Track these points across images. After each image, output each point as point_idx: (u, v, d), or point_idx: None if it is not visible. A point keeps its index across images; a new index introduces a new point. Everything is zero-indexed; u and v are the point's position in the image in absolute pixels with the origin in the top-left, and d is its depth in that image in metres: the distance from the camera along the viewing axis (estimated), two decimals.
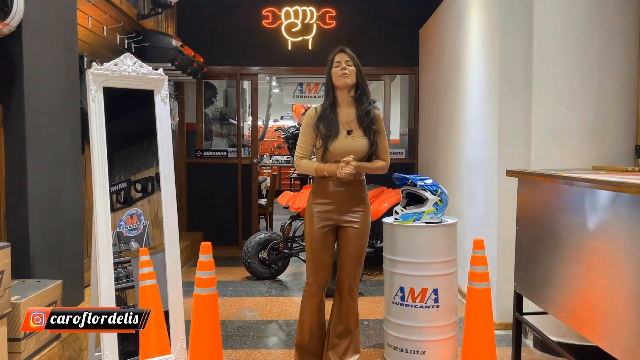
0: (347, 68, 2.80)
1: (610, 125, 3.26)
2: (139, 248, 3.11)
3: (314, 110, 2.91)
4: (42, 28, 2.98)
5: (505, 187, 3.68)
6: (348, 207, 2.86)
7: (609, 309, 2.23)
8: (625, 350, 2.11)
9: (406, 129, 8.03)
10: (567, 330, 3.18)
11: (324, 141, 2.81)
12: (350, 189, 2.87)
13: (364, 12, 6.88)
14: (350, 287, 2.93)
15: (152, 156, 3.28)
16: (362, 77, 2.86)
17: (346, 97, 2.86)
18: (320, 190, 2.88)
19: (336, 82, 2.83)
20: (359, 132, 2.84)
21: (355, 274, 2.92)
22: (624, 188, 2.01)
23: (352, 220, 2.87)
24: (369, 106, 2.85)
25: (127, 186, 3.17)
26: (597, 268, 2.32)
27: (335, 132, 2.80)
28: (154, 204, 3.28)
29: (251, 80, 7.18)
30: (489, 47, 4.04)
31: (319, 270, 2.89)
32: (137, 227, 3.20)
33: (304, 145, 2.88)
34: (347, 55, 2.84)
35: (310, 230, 2.88)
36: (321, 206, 2.87)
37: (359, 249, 2.90)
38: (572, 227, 2.55)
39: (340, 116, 2.85)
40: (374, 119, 2.85)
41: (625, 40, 3.25)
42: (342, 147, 2.80)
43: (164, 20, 6.22)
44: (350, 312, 2.95)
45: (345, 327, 2.95)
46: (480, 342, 2.72)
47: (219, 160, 6.97)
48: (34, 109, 2.88)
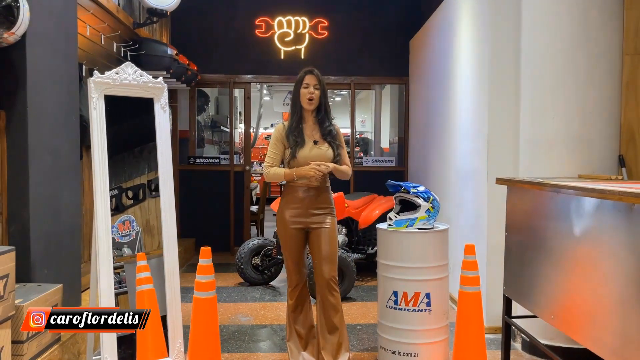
0: (314, 92, 3.12)
1: (595, 136, 3.39)
2: (131, 254, 3.16)
3: (282, 125, 3.21)
4: (44, 37, 3.04)
5: (494, 195, 3.79)
6: (315, 210, 3.14)
7: (596, 311, 2.33)
8: (612, 351, 2.21)
9: (396, 138, 8.17)
10: (554, 333, 3.28)
11: (292, 150, 3.10)
12: (317, 195, 3.14)
13: (356, 22, 7.01)
14: (328, 284, 3.09)
15: (144, 163, 3.34)
16: (325, 99, 3.18)
17: (310, 115, 3.19)
18: (291, 197, 3.17)
19: (303, 104, 3.14)
20: (323, 143, 3.15)
21: (332, 271, 3.11)
22: (608, 195, 2.12)
23: (321, 221, 3.14)
24: (330, 126, 3.19)
25: (119, 193, 3.22)
26: (584, 272, 2.43)
27: (302, 142, 3.12)
28: (146, 211, 3.33)
29: (244, 89, 7.26)
30: (478, 59, 4.17)
31: (297, 264, 3.21)
32: (130, 233, 3.25)
33: (273, 157, 3.19)
34: (316, 78, 3.13)
35: (284, 233, 3.19)
36: (292, 210, 3.15)
37: (331, 246, 3.12)
38: (560, 232, 2.66)
39: (306, 130, 3.17)
40: (335, 136, 3.19)
41: (609, 54, 3.38)
42: (309, 155, 3.10)
43: (158, 29, 6.29)
44: (333, 309, 3.08)
45: (331, 325, 3.09)
46: (471, 344, 2.82)
47: (212, 167, 7.03)
48: (36, 115, 2.94)
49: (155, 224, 3.34)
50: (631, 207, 2.06)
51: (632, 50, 3.34)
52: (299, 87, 3.15)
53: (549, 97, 3.47)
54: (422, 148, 6.22)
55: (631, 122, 3.34)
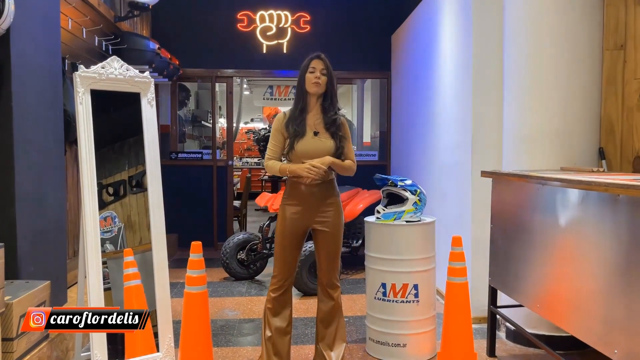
0: (320, 77, 2.90)
1: (575, 129, 3.47)
2: (113, 250, 3.13)
3: (283, 115, 3.01)
4: (28, 30, 2.99)
5: (478, 188, 3.86)
6: (319, 207, 2.95)
7: (581, 299, 2.40)
8: (597, 337, 2.28)
9: (377, 132, 8.22)
10: (537, 322, 3.37)
11: (291, 140, 2.91)
12: (322, 190, 2.95)
13: (338, 17, 7.04)
14: (330, 282, 3.04)
15: (125, 159, 3.28)
16: (332, 86, 2.96)
17: (315, 103, 2.97)
18: (293, 192, 2.97)
19: (308, 88, 2.93)
20: (325, 134, 2.94)
21: (333, 270, 3.04)
22: (594, 187, 2.19)
23: (324, 221, 2.96)
24: (335, 115, 2.95)
25: (99, 189, 3.13)
26: (569, 261, 2.50)
27: (302, 133, 2.90)
28: (127, 207, 3.29)
29: (226, 83, 7.23)
30: (461, 53, 4.22)
31: (285, 265, 2.98)
32: (112, 229, 3.22)
33: (273, 148, 2.98)
34: (323, 63, 2.92)
35: (282, 229, 2.97)
36: (293, 207, 2.95)
37: (334, 248, 2.99)
38: (545, 223, 2.73)
39: (309, 120, 2.95)
40: (340, 126, 2.96)
41: (590, 49, 3.46)
42: (309, 147, 2.89)
43: (139, 22, 6.22)
44: (334, 304, 3.06)
45: (330, 318, 3.07)
46: (459, 334, 2.88)
47: (194, 162, 6.99)
48: (21, 111, 2.89)
49: (137, 220, 3.30)
50: (616, 198, 2.13)
51: (611, 46, 3.43)
52: (304, 72, 2.93)
53: (531, 91, 3.53)
54: (405, 142, 6.28)
55: (611, 116, 3.43)
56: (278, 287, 2.99)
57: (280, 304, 2.99)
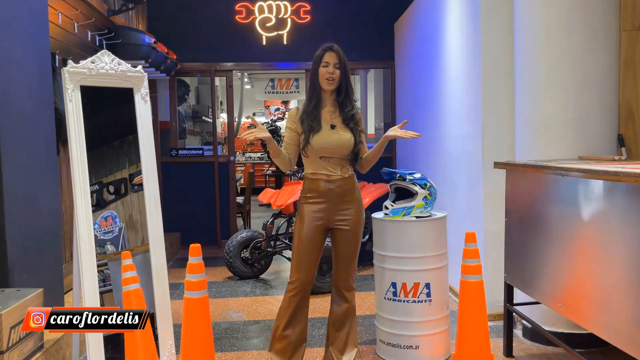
0: (334, 72, 2.76)
1: (593, 116, 3.29)
2: (114, 251, 3.02)
3: (296, 110, 2.88)
4: (13, 25, 2.84)
5: (490, 180, 3.70)
6: (339, 205, 2.81)
7: (607, 297, 2.24)
8: (622, 337, 2.13)
9: (382, 123, 8.05)
10: (556, 319, 3.21)
11: (306, 135, 2.77)
12: (341, 186, 2.81)
13: (339, 6, 6.85)
14: (346, 284, 2.90)
15: (125, 156, 3.18)
16: (347, 80, 2.82)
17: (329, 98, 2.84)
18: (311, 189, 2.82)
19: (322, 84, 2.80)
20: (343, 128, 2.81)
21: (351, 272, 2.89)
22: (622, 178, 2.02)
23: (344, 219, 2.82)
24: (352, 110, 2.83)
25: (99, 188, 3.07)
26: (593, 257, 2.34)
27: (318, 127, 2.77)
28: (128, 206, 3.18)
29: (225, 77, 7.06)
30: (470, 39, 4.04)
31: (304, 269, 2.81)
32: (112, 229, 3.11)
33: (285, 145, 2.87)
34: (336, 56, 2.77)
35: (300, 229, 2.81)
36: (312, 205, 2.81)
37: (353, 247, 2.86)
38: (565, 217, 2.56)
39: (324, 114, 2.83)
40: (358, 121, 2.85)
41: (606, 30, 3.28)
42: (325, 141, 2.76)
43: (134, 16, 6.04)
44: (348, 306, 2.92)
45: (343, 321, 2.92)
46: (475, 334, 2.71)
47: (195, 158, 6.84)
48: (8, 110, 2.75)
49: (139, 219, 3.18)
50: None
51: (629, 27, 3.25)
52: (317, 66, 2.78)
53: (545, 77, 3.35)
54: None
55: (630, 101, 3.25)
56: (294, 293, 2.81)
57: (296, 311, 2.82)
